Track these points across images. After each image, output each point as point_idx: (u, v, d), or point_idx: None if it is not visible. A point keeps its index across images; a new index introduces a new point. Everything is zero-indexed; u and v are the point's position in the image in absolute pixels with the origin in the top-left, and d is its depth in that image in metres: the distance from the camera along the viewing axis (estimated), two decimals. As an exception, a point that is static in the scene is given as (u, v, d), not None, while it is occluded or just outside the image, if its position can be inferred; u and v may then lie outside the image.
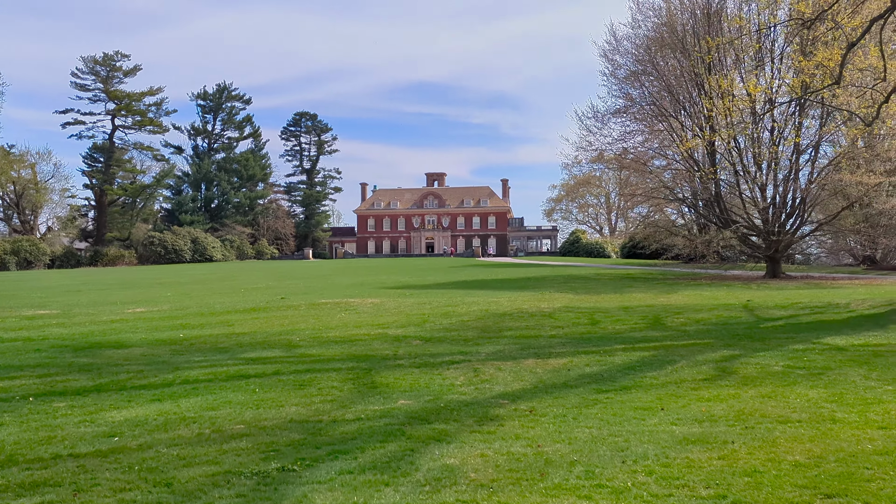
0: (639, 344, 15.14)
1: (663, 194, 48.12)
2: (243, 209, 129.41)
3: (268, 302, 27.37)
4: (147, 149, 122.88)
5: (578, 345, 15.19)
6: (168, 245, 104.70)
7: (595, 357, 13.37)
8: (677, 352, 13.85)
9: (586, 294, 29.15)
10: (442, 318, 20.82)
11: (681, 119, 42.84)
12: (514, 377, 11.48)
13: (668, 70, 42.62)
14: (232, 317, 22.39)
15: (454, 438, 7.61)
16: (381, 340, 16.49)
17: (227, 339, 16.96)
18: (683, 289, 31.64)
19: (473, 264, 72.10)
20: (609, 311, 21.78)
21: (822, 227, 41.10)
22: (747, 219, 42.17)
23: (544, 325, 18.93)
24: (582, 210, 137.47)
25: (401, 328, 18.79)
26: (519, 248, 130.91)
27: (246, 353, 14.72)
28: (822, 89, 25.07)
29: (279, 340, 16.66)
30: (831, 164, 38.22)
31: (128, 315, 23.46)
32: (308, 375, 11.68)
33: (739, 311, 21.41)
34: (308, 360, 13.41)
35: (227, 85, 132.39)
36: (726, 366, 12.23)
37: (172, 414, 9.05)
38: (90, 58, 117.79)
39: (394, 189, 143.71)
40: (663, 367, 12.10)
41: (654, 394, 9.98)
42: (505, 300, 26.52)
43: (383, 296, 29.66)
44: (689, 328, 17.77)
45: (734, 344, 14.80)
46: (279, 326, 19.56)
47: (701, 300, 25.31)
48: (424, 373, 11.95)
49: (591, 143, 45.68)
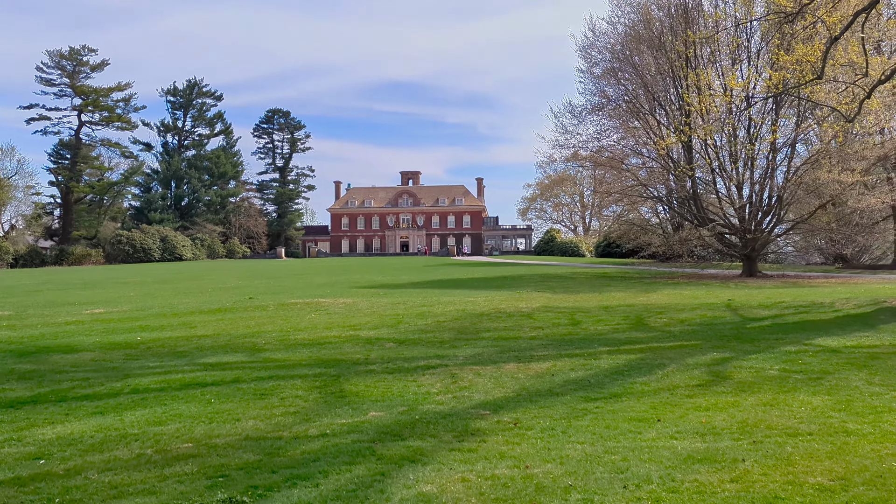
0: (624, 346, 14.39)
1: (639, 192, 47.69)
2: (214, 207, 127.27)
3: (235, 302, 26.27)
4: (115, 146, 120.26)
5: (561, 347, 14.40)
6: (136, 244, 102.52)
7: (579, 360, 12.57)
8: (665, 354, 13.11)
9: (564, 293, 28.44)
10: (417, 319, 19.93)
11: (657, 116, 42.37)
12: (495, 384, 10.63)
13: (645, 67, 42.12)
14: (195, 318, 21.29)
15: (431, 458, 6.73)
16: (353, 343, 15.56)
17: (187, 343, 15.91)
18: (662, 288, 31.08)
19: (448, 263, 71.29)
20: (589, 311, 21.05)
21: (799, 225, 40.82)
22: (724, 217, 41.81)
23: (523, 325, 18.13)
24: (556, 209, 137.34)
25: (374, 329, 17.88)
26: (494, 247, 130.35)
27: (206, 357, 13.70)
28: (804, 84, 24.52)
29: (243, 344, 15.66)
30: (808, 161, 37.95)
31: (84, 316, 22.24)
32: (271, 383, 10.72)
33: (722, 310, 20.80)
34: (272, 366, 12.44)
35: (198, 81, 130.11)
36: (719, 370, 11.49)
37: (113, 430, 8.05)
38: (56, 52, 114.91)
39: (368, 187, 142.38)
40: (653, 372, 11.33)
41: (647, 402, 9.19)
42: (482, 300, 25.70)
43: (356, 295, 28.69)
44: (673, 329, 17.07)
45: (723, 346, 14.10)
46: (244, 328, 18.53)
47: (681, 299, 24.70)
48: (398, 379, 11.06)
49: (566, 140, 45.11)
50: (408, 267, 60.74)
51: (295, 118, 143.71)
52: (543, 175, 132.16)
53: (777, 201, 39.49)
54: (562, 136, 47.03)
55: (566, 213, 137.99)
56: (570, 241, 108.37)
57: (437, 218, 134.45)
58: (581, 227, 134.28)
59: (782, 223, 41.10)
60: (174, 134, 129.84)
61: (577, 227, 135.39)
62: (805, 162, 38.24)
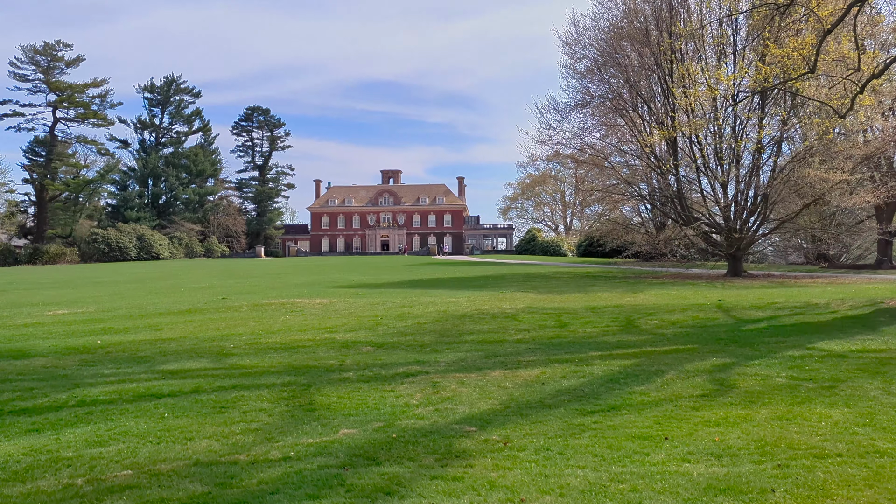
0: (616, 350, 13.52)
1: (621, 191, 46.99)
2: (192, 206, 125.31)
3: (206, 303, 25.15)
4: (91, 143, 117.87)
5: (549, 351, 13.50)
6: (112, 242, 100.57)
7: (570, 367, 11.67)
8: (661, 360, 12.25)
9: (549, 293, 27.59)
10: (396, 321, 18.97)
11: (641, 113, 41.69)
12: (481, 394, 9.70)
13: (629, 63, 41.42)
14: (163, 320, 20.18)
15: (410, 490, 5.77)
16: (328, 347, 14.57)
17: (150, 347, 14.83)
18: (648, 287, 30.34)
19: (429, 262, 70.32)
20: (576, 313, 20.20)
21: (785, 224, 40.26)
22: (708, 216, 41.20)
23: (508, 328, 17.23)
24: (538, 208, 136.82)
25: (350, 332, 16.90)
26: (475, 246, 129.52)
27: (167, 363, 12.65)
28: (796, 78, 23.83)
29: (210, 348, 14.61)
30: (795, 159, 37.37)
31: (46, 318, 21.03)
32: (234, 394, 9.72)
33: (714, 311, 20.03)
34: (238, 373, 11.43)
35: (176, 77, 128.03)
36: (722, 377, 10.64)
37: (45, 453, 7.02)
38: (30, 47, 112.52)
39: (348, 186, 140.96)
40: (651, 380, 10.46)
41: (650, 416, 8.30)
42: (464, 300, 24.79)
43: (334, 295, 27.66)
44: (665, 331, 16.23)
45: (721, 350, 13.28)
46: (214, 331, 17.46)
47: (670, 300, 23.93)
48: (374, 388, 10.10)
49: (550, 136, 44.30)
50: (388, 266, 59.72)
51: (275, 116, 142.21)
52: (525, 174, 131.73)
53: (763, 200, 38.89)
54: (546, 131, 46.25)
55: (547, 212, 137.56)
56: (551, 240, 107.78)
57: (418, 217, 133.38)
58: (562, 227, 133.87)
59: (768, 222, 40.51)
60: (151, 131, 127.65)
61: (558, 227, 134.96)
62: (792, 159, 37.65)
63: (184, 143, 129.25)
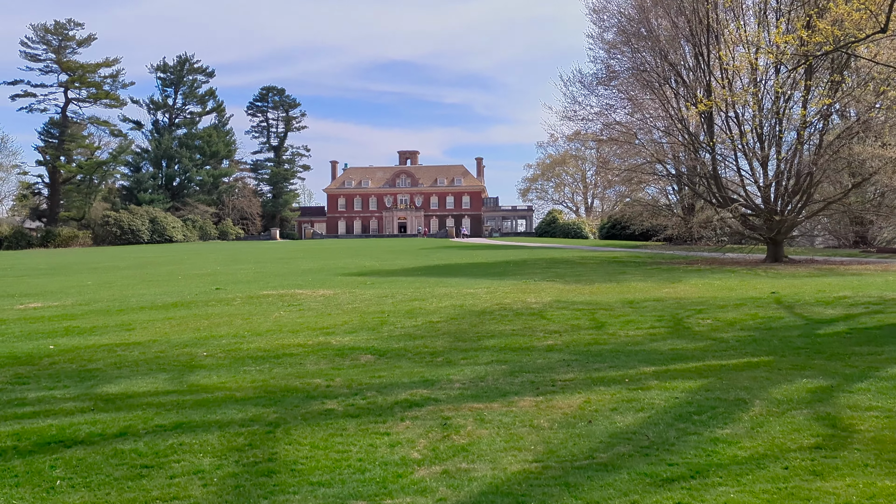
0: (673, 364, 10.85)
1: (651, 170, 44.03)
2: (207, 187, 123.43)
3: (197, 294, 22.75)
4: (104, 123, 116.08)
5: (589, 364, 10.88)
6: (124, 225, 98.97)
7: (621, 392, 9.05)
8: (735, 380, 9.58)
9: (577, 283, 24.90)
10: (405, 318, 16.42)
11: (674, 86, 38.64)
12: (507, 440, 7.11)
13: (662, 31, 38.32)
14: (140, 316, 17.76)
15: None
16: (319, 356, 12.05)
17: (107, 356, 12.37)
18: (685, 276, 27.54)
19: (447, 245, 67.74)
20: (612, 308, 17.52)
21: (832, 205, 37.07)
22: (746, 197, 38.15)
23: (535, 329, 14.61)
24: (558, 189, 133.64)
25: (350, 334, 14.37)
26: (494, 228, 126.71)
27: (113, 383, 10.17)
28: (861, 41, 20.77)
29: (177, 357, 12.13)
30: (844, 133, 34.11)
31: (11, 314, 18.71)
32: (172, 439, 7.18)
33: (773, 307, 17.26)
34: (192, 401, 8.90)
35: (189, 57, 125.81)
36: (829, 412, 7.96)
37: None
38: (41, 26, 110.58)
39: (365, 167, 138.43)
40: (735, 416, 7.82)
41: (756, 490, 5.66)
42: (483, 291, 22.17)
43: (340, 285, 25.17)
44: (725, 335, 13.52)
45: (805, 365, 10.57)
46: (191, 332, 15.00)
47: (715, 291, 21.16)
48: (363, 429, 7.53)
49: (576, 112, 41.41)
50: (404, 250, 57.18)
51: (290, 96, 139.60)
52: (545, 154, 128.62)
53: (807, 179, 35.74)
54: (570, 106, 43.37)
55: (568, 193, 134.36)
56: (572, 222, 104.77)
57: (436, 198, 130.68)
58: (583, 208, 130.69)
59: (811, 203, 37.35)
60: (165, 111, 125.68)
61: (578, 209, 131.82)
62: (840, 134, 34.41)
63: (197, 124, 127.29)
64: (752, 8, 36.38)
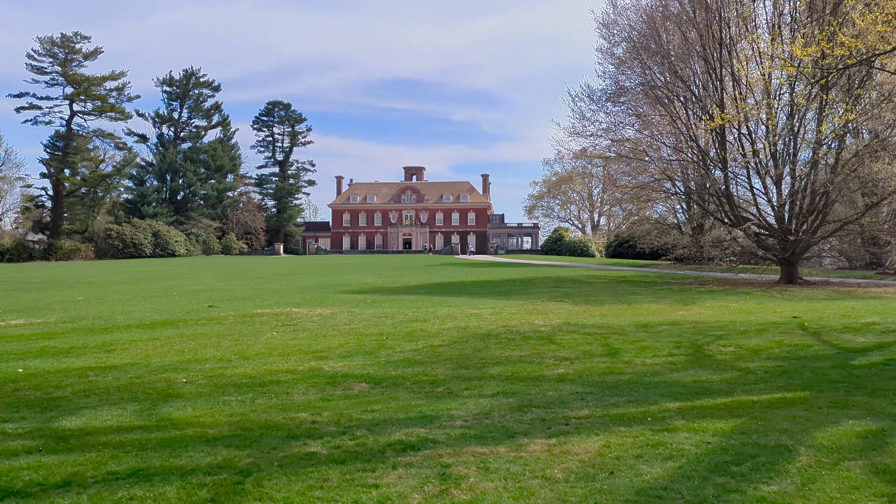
0: (699, 399, 9.76)
1: (659, 187, 43.06)
2: (211, 202, 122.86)
3: (188, 312, 21.73)
4: (108, 136, 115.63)
5: (605, 399, 9.81)
6: (126, 239, 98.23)
7: (644, 433, 7.96)
8: (772, 420, 8.49)
9: (586, 304, 23.84)
10: (404, 341, 15.37)
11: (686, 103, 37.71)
12: (517, 496, 6.04)
13: (673, 46, 37.42)
14: (125, 335, 16.75)
15: None
16: (308, 384, 11.01)
17: (77, 381, 11.34)
18: (698, 297, 26.46)
19: (452, 263, 66.72)
20: (625, 332, 16.45)
21: (847, 226, 35.95)
22: (758, 216, 37.07)
23: (545, 355, 13.53)
24: (564, 207, 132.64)
25: (344, 358, 13.32)
26: (499, 245, 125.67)
27: (75, 415, 9.12)
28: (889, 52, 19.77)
29: (154, 383, 11.10)
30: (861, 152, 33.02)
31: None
32: (121, 493, 6.10)
33: (798, 333, 16.15)
34: (157, 441, 7.84)
35: (195, 71, 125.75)
36: (891, 466, 6.86)
37: None
38: (47, 38, 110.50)
39: (371, 183, 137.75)
40: (779, 468, 6.73)
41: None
42: (488, 312, 21.12)
43: (338, 303, 24.14)
44: (750, 364, 12.43)
45: (846, 402, 9.47)
46: (175, 354, 13.97)
47: (733, 314, 20.06)
48: (348, 480, 6.47)
49: (584, 127, 40.44)
50: (407, 266, 56.17)
51: (296, 111, 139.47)
52: (551, 172, 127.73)
53: (823, 198, 34.63)
54: (579, 122, 42.44)
55: (574, 211, 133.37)
56: (578, 240, 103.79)
57: (441, 215, 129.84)
58: (589, 226, 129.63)
59: (827, 223, 36.21)
60: (170, 125, 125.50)
61: (585, 226, 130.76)
62: (857, 152, 33.35)
63: (203, 138, 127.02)
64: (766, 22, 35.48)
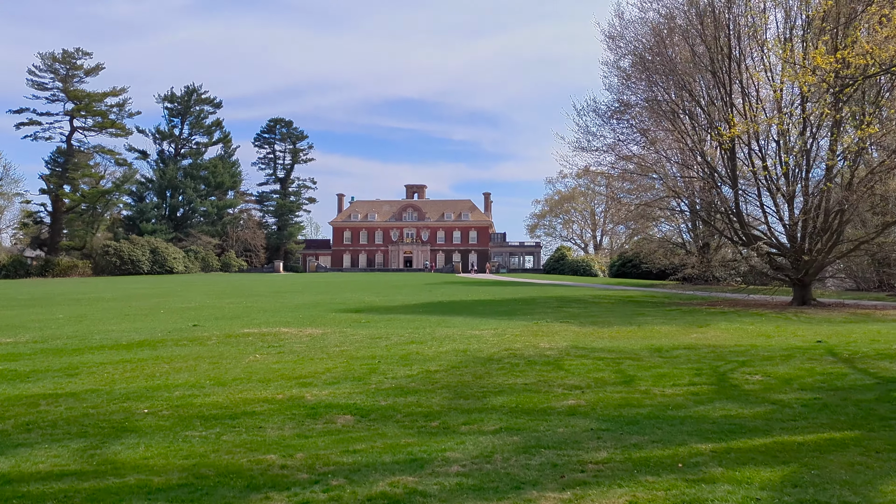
0: (733, 440, 8.42)
1: (665, 205, 41.88)
2: (211, 218, 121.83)
3: (171, 332, 20.41)
4: (109, 152, 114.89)
5: (623, 435, 8.48)
6: (124, 255, 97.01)
7: (678, 485, 6.63)
8: (827, 470, 7.15)
9: (593, 325, 22.49)
10: (398, 366, 14.04)
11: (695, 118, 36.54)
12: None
13: (681, 60, 36.34)
14: (94, 357, 15.43)
15: None
16: (285, 416, 9.69)
17: (25, 411, 10.03)
18: (710, 319, 25.11)
19: (452, 281, 65.38)
20: (639, 358, 15.09)
21: (863, 245, 34.66)
22: (770, 235, 35.77)
23: (553, 383, 12.19)
24: (566, 226, 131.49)
25: (330, 386, 12.00)
26: (501, 264, 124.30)
27: (6, 454, 7.81)
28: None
29: (110, 415, 9.78)
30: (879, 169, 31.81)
31: (-50, 352, 16.41)
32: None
33: (828, 360, 14.79)
34: (88, 493, 6.52)
35: (196, 87, 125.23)
36: None
37: None
38: (48, 54, 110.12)
39: (372, 201, 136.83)
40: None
41: None
42: (489, 334, 19.78)
43: (331, 323, 22.82)
44: (783, 396, 11.08)
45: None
46: (144, 379, 12.65)
47: (751, 338, 18.72)
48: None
49: (589, 142, 39.26)
50: (407, 285, 54.84)
51: (297, 128, 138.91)
52: (553, 191, 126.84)
53: (838, 216, 33.35)
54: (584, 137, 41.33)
55: (577, 230, 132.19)
56: (581, 259, 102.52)
57: (443, 233, 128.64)
58: (592, 246, 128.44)
59: (841, 243, 34.91)
60: (171, 141, 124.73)
61: (587, 246, 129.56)
62: (873, 169, 32.13)
63: (203, 155, 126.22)
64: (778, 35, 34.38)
